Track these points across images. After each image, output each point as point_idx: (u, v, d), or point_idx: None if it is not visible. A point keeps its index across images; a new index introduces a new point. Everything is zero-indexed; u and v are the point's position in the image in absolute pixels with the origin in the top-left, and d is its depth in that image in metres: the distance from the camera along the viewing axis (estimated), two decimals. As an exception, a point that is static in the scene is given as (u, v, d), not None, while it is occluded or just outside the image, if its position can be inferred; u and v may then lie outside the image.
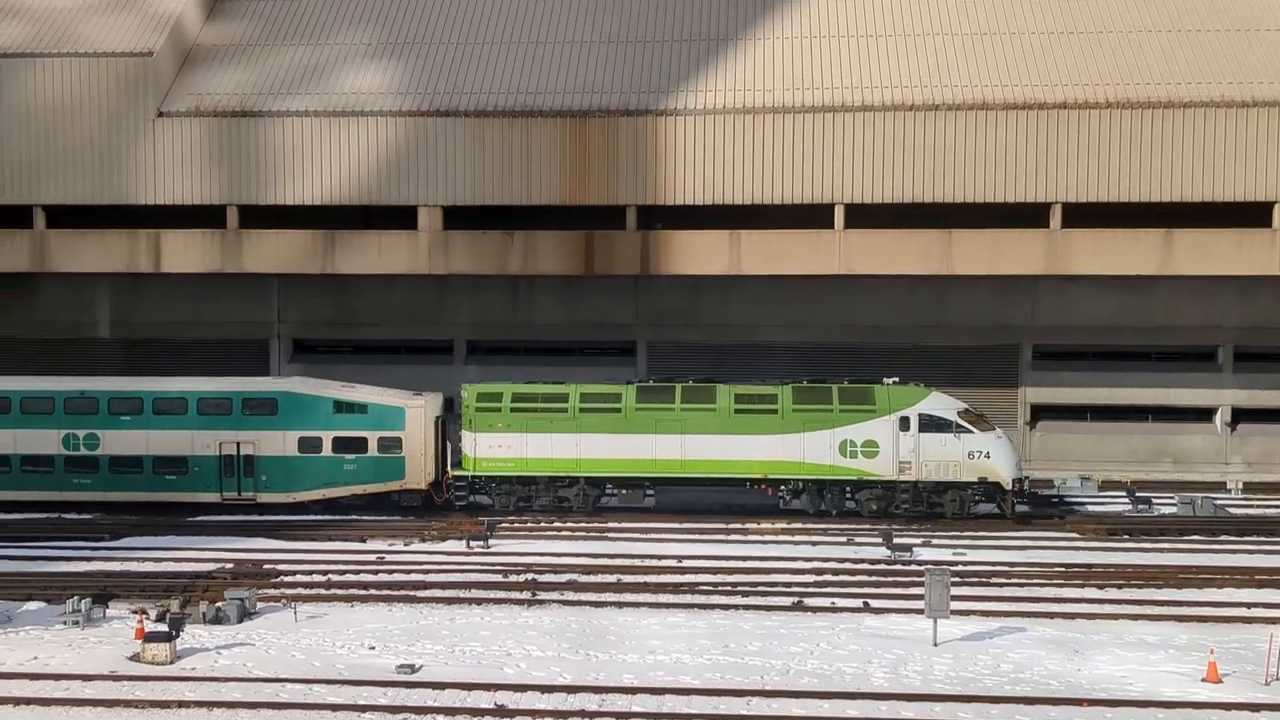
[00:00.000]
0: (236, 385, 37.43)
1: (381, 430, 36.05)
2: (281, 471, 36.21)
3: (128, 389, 37.30)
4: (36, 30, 42.67)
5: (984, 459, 33.83)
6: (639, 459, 34.92)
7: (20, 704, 19.38)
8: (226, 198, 41.34)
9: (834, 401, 34.37)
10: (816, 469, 34.31)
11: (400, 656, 21.69)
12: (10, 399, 36.91)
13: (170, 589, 26.72)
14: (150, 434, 36.47)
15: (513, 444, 35.28)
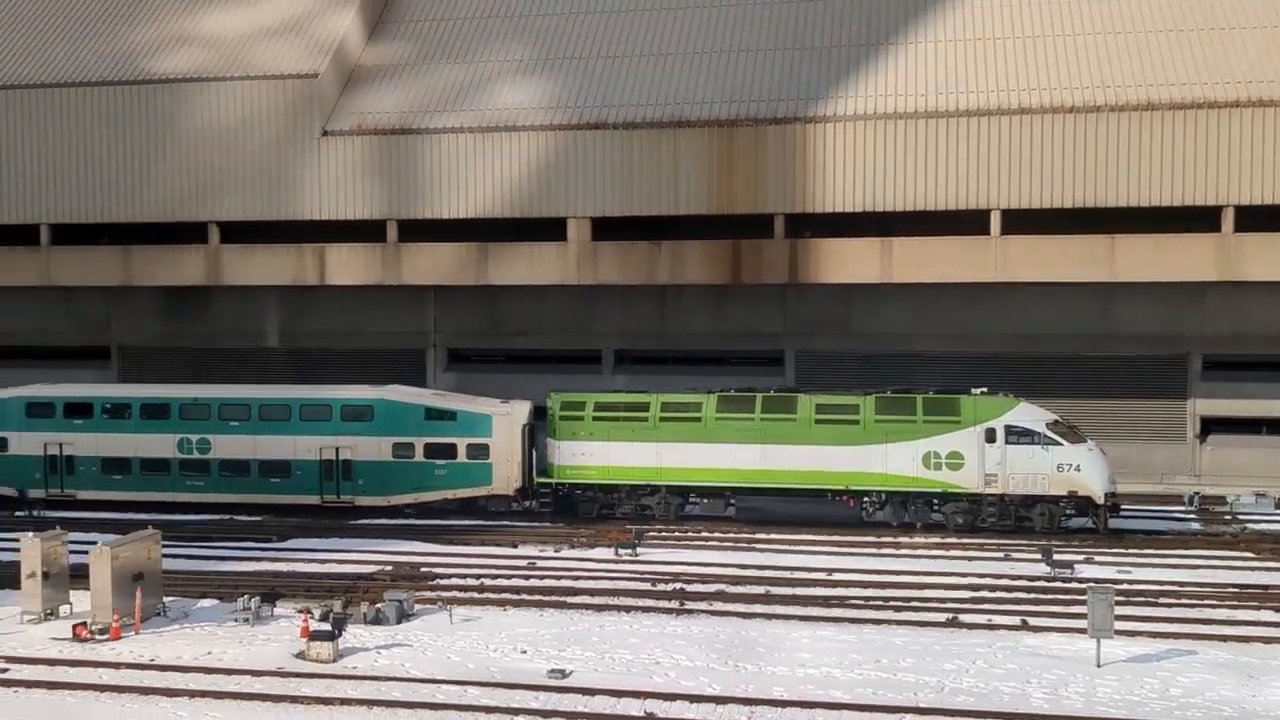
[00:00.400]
0: (335, 393, 38.72)
1: (470, 437, 36.86)
2: (377, 476, 37.30)
3: (236, 396, 39.03)
4: (213, 56, 45.07)
5: (1074, 472, 32.72)
6: (719, 468, 34.87)
7: (195, 696, 20.42)
8: (386, 212, 42.81)
9: (917, 412, 33.73)
10: (899, 480, 33.74)
11: (551, 661, 22.02)
12: (131, 405, 39.07)
13: (333, 590, 27.75)
14: (257, 439, 38.06)
15: (595, 452, 35.70)
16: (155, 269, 44.78)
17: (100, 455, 38.81)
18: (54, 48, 46.67)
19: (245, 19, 46.35)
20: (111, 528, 33.18)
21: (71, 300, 48.02)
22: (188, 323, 47.77)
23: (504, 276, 42.63)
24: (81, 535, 30.78)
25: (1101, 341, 41.84)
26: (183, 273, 44.60)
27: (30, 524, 34.80)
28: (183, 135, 43.86)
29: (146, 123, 44.04)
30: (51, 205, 44.80)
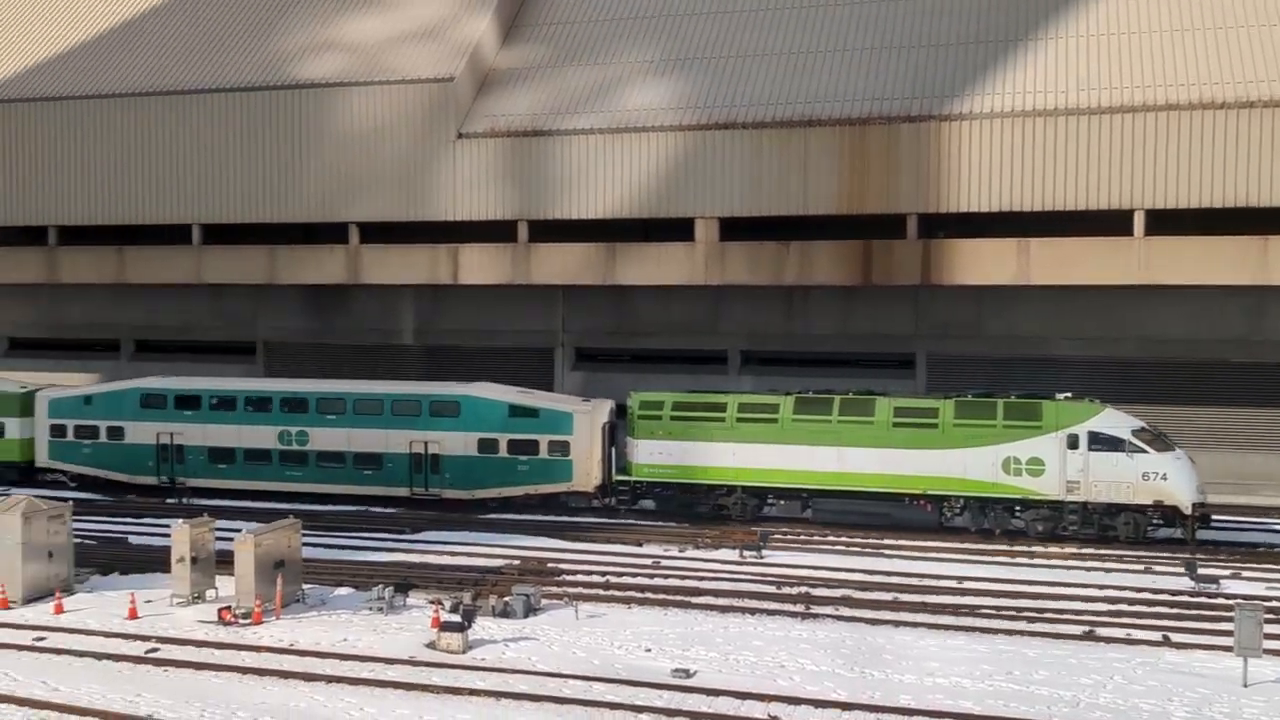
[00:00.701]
0: (424, 389, 39.88)
1: (552, 434, 37.50)
2: (463, 470, 38.29)
3: (333, 391, 40.40)
4: (354, 60, 46.53)
5: (1160, 481, 31.79)
6: (795, 470, 34.88)
7: (332, 681, 21.12)
8: (518, 213, 43.54)
9: (998, 417, 33.23)
10: (978, 486, 33.30)
11: (675, 660, 22.09)
12: (236, 399, 40.81)
13: (463, 582, 28.37)
14: (351, 432, 39.42)
15: (672, 451, 36.16)
16: (298, 268, 46.43)
17: (207, 445, 40.86)
18: (207, 55, 48.82)
19: (385, 24, 47.72)
20: (257, 516, 34.56)
21: (220, 298, 50.17)
22: (328, 320, 49.41)
23: (632, 276, 42.91)
24: (227, 523, 32.15)
25: (1254, 348, 39.92)
26: (324, 272, 46.13)
27: (180, 511, 36.55)
28: (326, 138, 45.38)
29: (292, 126, 45.72)
30: (203, 206, 46.87)
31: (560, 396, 39.73)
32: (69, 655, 22.79)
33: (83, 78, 49.20)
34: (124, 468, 41.99)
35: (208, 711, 19.52)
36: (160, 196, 47.26)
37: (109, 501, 40.25)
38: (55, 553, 27.36)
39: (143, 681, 21.18)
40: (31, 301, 52.38)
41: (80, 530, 32.33)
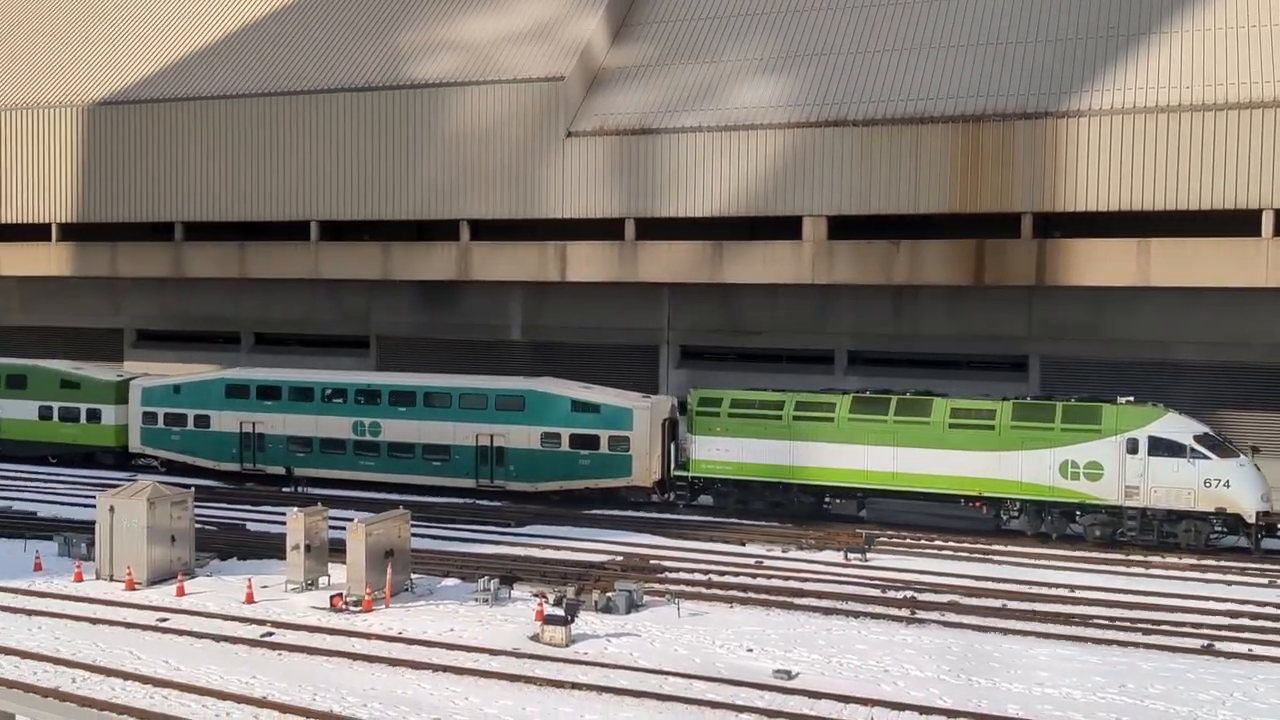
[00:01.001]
0: (490, 383, 40.86)
1: (612, 429, 38.13)
2: (527, 463, 39.15)
3: (404, 384, 41.56)
4: (467, 60, 47.31)
5: (1222, 488, 31.13)
6: (851, 469, 35.00)
7: (438, 670, 21.53)
8: (625, 211, 43.76)
9: (1055, 420, 32.89)
10: (1034, 489, 33.03)
11: (777, 661, 21.97)
12: (313, 390, 42.36)
13: (566, 576, 28.66)
14: (421, 424, 40.53)
15: (729, 448, 36.45)
16: (411, 264, 47.41)
17: (287, 434, 42.55)
18: (325, 56, 50.17)
19: (498, 24, 48.41)
20: (368, 506, 35.41)
21: (336, 293, 51.51)
22: (439, 315, 50.34)
23: (738, 275, 42.77)
24: (340, 512, 33.00)
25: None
26: (435, 268, 47.01)
27: (296, 500, 37.63)
28: (439, 137, 46.24)
29: (407, 125, 46.70)
30: (320, 204, 48.19)
31: (622, 393, 40.23)
32: (189, 636, 23.66)
33: (207, 79, 51.00)
34: (209, 454, 43.92)
35: (319, 696, 20.07)
36: (280, 194, 48.73)
37: (229, 489, 41.68)
38: (177, 537, 28.44)
39: (258, 664, 21.89)
40: (158, 295, 54.51)
41: (201, 516, 33.53)
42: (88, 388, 46.80)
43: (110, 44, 55.41)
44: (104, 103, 51.64)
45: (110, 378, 47.05)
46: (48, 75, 54.77)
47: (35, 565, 29.25)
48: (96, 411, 46.41)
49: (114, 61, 54.10)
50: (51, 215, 52.40)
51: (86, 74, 53.85)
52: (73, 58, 55.43)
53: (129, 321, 55.44)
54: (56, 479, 43.86)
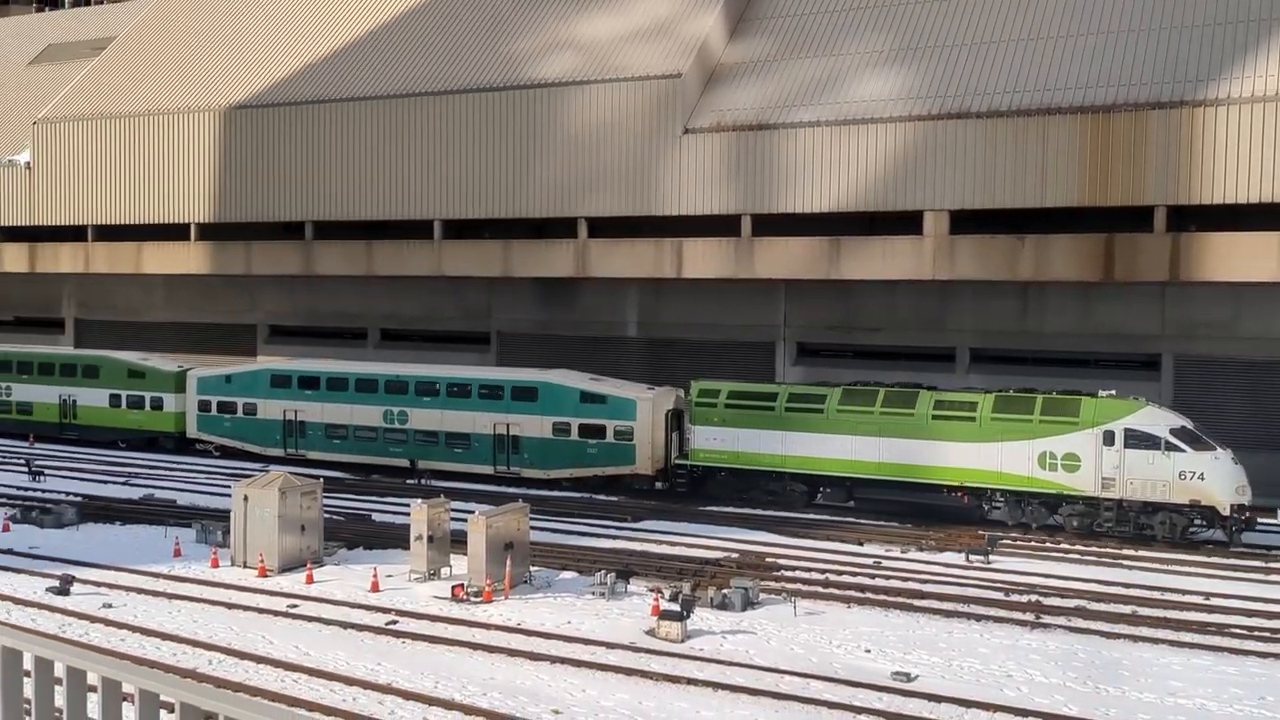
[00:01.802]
0: (506, 374, 43.28)
1: (617, 420, 39.76)
2: (540, 451, 41.05)
3: (428, 375, 43.90)
4: (584, 59, 47.75)
5: (1197, 480, 31.29)
6: (840, 459, 36.00)
7: (556, 662, 21.84)
8: (741, 207, 43.60)
9: (1034, 412, 33.39)
10: (1014, 480, 33.54)
11: (896, 663, 21.67)
12: (348, 380, 44.88)
13: (682, 572, 28.74)
14: (444, 413, 42.78)
15: (726, 438, 37.89)
16: (530, 262, 48.07)
17: (325, 422, 45.05)
18: (447, 58, 51.21)
19: (616, 22, 48.72)
20: (488, 500, 36.04)
21: (459, 289, 52.56)
22: (557, 312, 50.96)
23: (856, 271, 42.23)
24: (461, 504, 33.67)
25: None
26: (554, 265, 47.57)
27: (419, 492, 38.54)
28: (557, 136, 46.77)
29: (526, 125, 47.36)
30: (443, 203, 49.21)
31: (627, 384, 42.09)
32: (318, 623, 24.46)
33: (335, 82, 52.53)
34: (257, 440, 46.64)
35: (441, 683, 20.54)
36: (404, 194, 49.92)
37: (356, 480, 42.92)
38: (307, 526, 29.41)
39: (383, 651, 22.51)
40: (290, 292, 56.40)
41: (329, 506, 34.60)
42: (151, 377, 50.20)
43: (245, 50, 57.51)
44: (238, 106, 53.63)
45: (171, 369, 50.28)
46: (188, 81, 57.13)
47: (175, 551, 30.60)
48: (159, 400, 49.72)
49: (248, 67, 56.13)
50: (190, 215, 54.64)
51: (223, 79, 56.00)
52: (211, 64, 57.70)
53: (262, 317, 57.47)
54: (195, 469, 45.77)
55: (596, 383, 41.49)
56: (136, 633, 23.42)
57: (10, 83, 68.06)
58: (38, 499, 37.73)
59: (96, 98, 58.65)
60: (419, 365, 46.53)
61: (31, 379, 53.04)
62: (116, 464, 46.25)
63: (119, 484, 42.09)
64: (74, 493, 39.46)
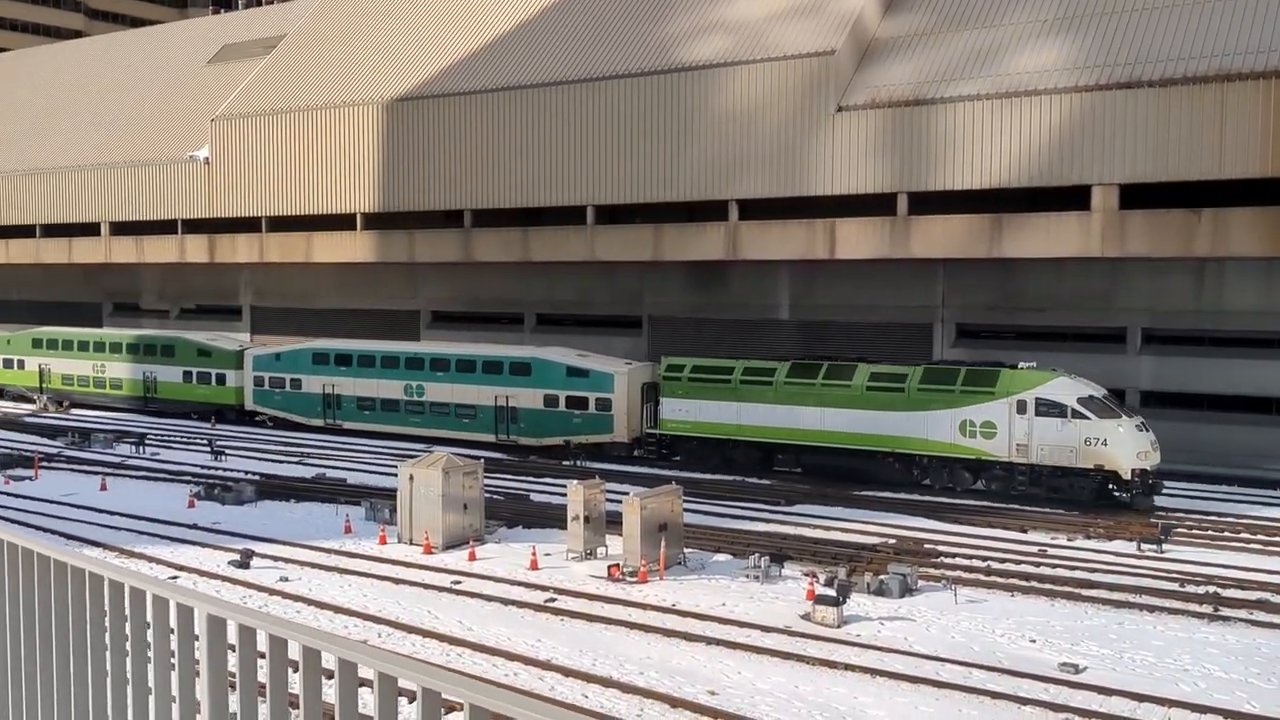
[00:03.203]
0: (505, 351, 47.58)
1: (598, 392, 43.51)
2: (533, 421, 45.07)
3: (440, 352, 48.31)
4: (733, 41, 47.49)
5: (1100, 446, 33.23)
6: (787, 427, 39.12)
7: (711, 643, 21.93)
8: (896, 185, 42.71)
9: (957, 383, 35.86)
10: (938, 446, 36.09)
11: (1063, 654, 20.99)
12: (375, 357, 49.30)
13: (837, 557, 28.46)
14: (454, 387, 47.06)
15: (689, 409, 41.41)
16: (681, 245, 48.21)
17: (357, 395, 49.86)
18: (599, 44, 51.67)
19: (766, 3, 48.26)
20: (641, 481, 36.38)
21: (611, 274, 53.12)
22: (709, 295, 50.97)
23: (1018, 249, 40.88)
24: (616, 485, 34.05)
25: None
26: (705, 249, 47.58)
27: (575, 473, 39.22)
28: (707, 118, 46.69)
29: (677, 109, 47.44)
30: (595, 189, 49.79)
31: (610, 359, 45.65)
32: (480, 599, 25.17)
33: (491, 73, 53.65)
34: (302, 411, 51.71)
35: (599, 661, 20.89)
36: (558, 181, 50.69)
37: (514, 461, 43.95)
38: (469, 505, 30.28)
39: (543, 628, 23.02)
40: (450, 279, 58.01)
41: (489, 486, 35.51)
42: (216, 355, 55.84)
43: (407, 44, 59.27)
44: (400, 99, 55.33)
45: (233, 348, 55.78)
46: (353, 76, 59.25)
47: (345, 528, 31.95)
48: (223, 375, 55.32)
49: (410, 60, 57.83)
50: (357, 206, 56.75)
51: (386, 73, 57.86)
52: (374, 59, 59.69)
53: (424, 304, 59.31)
54: (363, 450, 47.63)
55: (582, 358, 45.48)
56: (311, 605, 24.55)
57: (190, 83, 71.87)
58: (219, 477, 39.91)
59: (268, 95, 61.39)
60: (436, 344, 50.91)
61: (122, 357, 59.57)
62: (291, 444, 48.51)
63: (293, 463, 44.13)
64: (252, 471, 41.59)
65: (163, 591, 3.65)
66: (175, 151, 64.77)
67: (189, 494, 36.44)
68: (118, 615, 3.89)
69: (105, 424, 54.70)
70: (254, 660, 3.20)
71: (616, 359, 46.16)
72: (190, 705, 3.49)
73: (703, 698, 18.94)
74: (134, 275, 70.15)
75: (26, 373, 63.85)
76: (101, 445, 47.76)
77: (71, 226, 69.52)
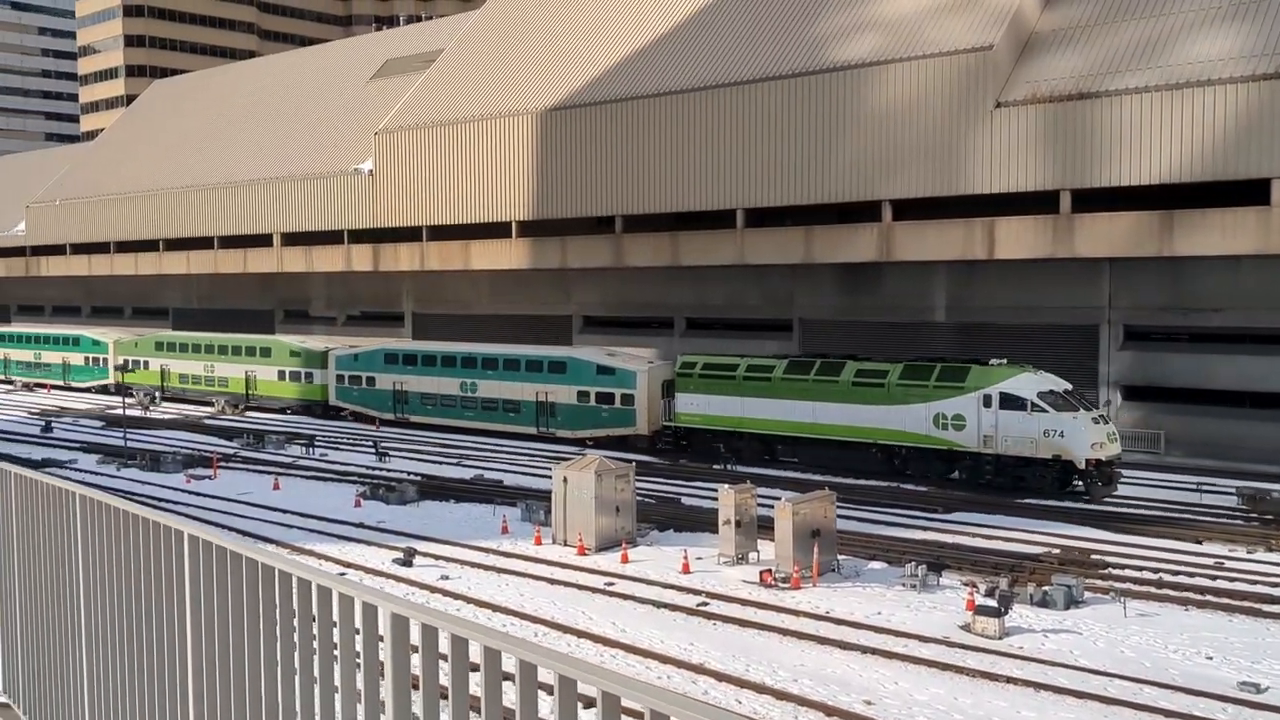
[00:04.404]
0: (543, 351, 51.79)
1: (623, 388, 47.34)
2: (569, 415, 49.03)
3: (490, 352, 52.71)
4: (886, 39, 46.71)
5: (1058, 437, 35.30)
6: (783, 420, 42.11)
7: (866, 652, 21.60)
8: (1059, 182, 41.29)
9: (931, 378, 38.25)
10: (914, 438, 38.64)
11: (1242, 673, 19.92)
12: (435, 356, 54.18)
13: (998, 566, 27.65)
14: (502, 383, 51.38)
15: (699, 403, 44.79)
16: (832, 247, 47.66)
17: (421, 391, 54.63)
18: (746, 47, 51.55)
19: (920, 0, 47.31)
20: (792, 486, 36.10)
21: (761, 277, 52.91)
22: (860, 298, 50.24)
23: (1191, 247, 38.98)
24: (766, 490, 33.90)
25: None
26: (857, 250, 46.93)
27: (725, 477, 39.19)
28: (859, 118, 46.06)
29: (827, 109, 46.95)
30: (745, 192, 49.68)
31: (635, 358, 49.35)
32: (633, 601, 25.40)
33: (640, 79, 54.13)
34: (377, 407, 56.70)
35: (752, 667, 20.83)
36: (707, 184, 50.78)
37: (665, 464, 44.22)
38: (621, 508, 30.60)
39: (695, 632, 23.08)
40: (600, 284, 58.77)
41: (640, 489, 35.83)
42: (305, 356, 61.30)
43: (558, 55, 60.35)
44: (553, 108, 56.36)
45: (319, 349, 61.14)
46: (508, 87, 60.66)
47: (502, 528, 32.69)
48: (310, 374, 60.74)
49: (562, 71, 58.88)
50: (512, 214, 58.06)
51: (539, 84, 59.03)
52: (528, 70, 60.98)
53: (576, 309, 60.25)
54: (518, 453, 48.68)
55: (610, 357, 49.25)
56: (471, 604, 25.22)
57: (355, 98, 74.81)
58: (384, 478, 41.37)
59: (428, 108, 63.39)
60: (487, 344, 54.68)
61: (227, 358, 65.73)
62: (450, 447, 49.94)
63: (452, 465, 45.42)
64: (414, 472, 42.97)
65: (348, 590, 3.82)
66: (342, 164, 67.51)
67: (355, 494, 37.88)
68: (305, 612, 4.09)
69: (277, 426, 57.36)
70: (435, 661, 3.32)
71: (641, 358, 49.74)
72: (374, 706, 3.64)
73: (858, 707, 18.69)
74: (303, 283, 73.42)
75: (150, 372, 70.85)
76: (274, 446, 50.10)
77: (246, 238, 73.24)
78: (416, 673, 3.52)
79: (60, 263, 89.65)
